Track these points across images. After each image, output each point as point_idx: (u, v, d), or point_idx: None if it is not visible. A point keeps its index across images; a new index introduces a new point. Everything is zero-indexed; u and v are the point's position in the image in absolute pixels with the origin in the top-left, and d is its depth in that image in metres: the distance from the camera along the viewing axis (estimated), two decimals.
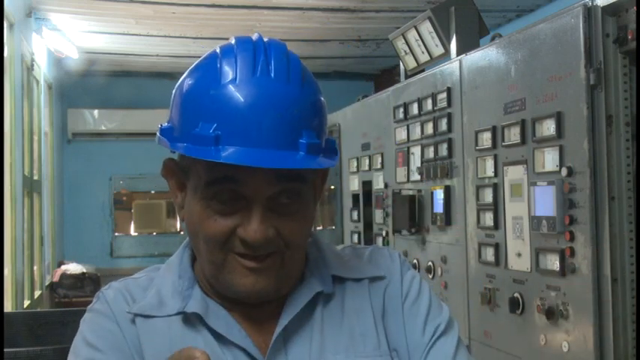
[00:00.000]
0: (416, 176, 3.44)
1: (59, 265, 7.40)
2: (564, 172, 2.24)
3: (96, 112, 8.41)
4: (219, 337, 1.05)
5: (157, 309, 1.07)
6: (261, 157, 0.95)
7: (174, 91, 1.07)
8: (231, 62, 1.00)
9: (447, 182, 3.12)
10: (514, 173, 2.56)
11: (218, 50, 1.03)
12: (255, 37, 1.03)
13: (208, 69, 1.02)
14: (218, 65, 1.00)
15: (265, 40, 1.03)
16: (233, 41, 1.04)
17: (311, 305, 1.09)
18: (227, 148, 0.96)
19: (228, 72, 0.99)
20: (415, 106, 3.44)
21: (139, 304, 1.08)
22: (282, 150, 0.96)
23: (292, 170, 0.99)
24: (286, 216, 1.01)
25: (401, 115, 3.60)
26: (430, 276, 3.27)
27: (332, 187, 4.97)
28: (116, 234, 8.74)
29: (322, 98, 1.05)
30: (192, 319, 1.06)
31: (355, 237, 4.32)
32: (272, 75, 0.99)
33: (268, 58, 0.99)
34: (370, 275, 1.14)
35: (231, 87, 0.98)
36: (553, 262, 2.32)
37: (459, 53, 3.15)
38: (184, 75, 1.06)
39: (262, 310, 1.08)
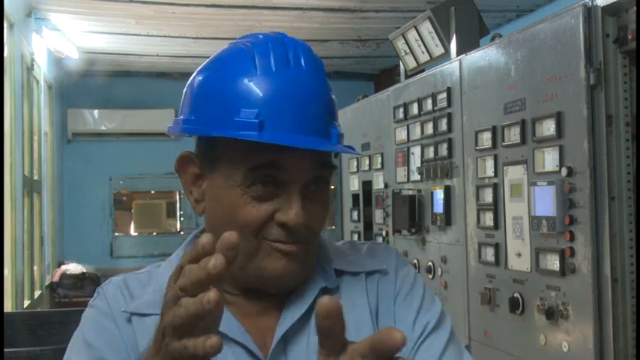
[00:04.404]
0: (416, 176, 3.44)
1: (59, 265, 7.40)
2: (564, 172, 2.24)
3: (96, 112, 8.42)
4: (219, 334, 1.05)
5: (154, 306, 1.06)
6: (306, 141, 1.00)
7: (191, 84, 1.08)
8: (264, 54, 1.03)
9: (447, 182, 3.12)
10: (514, 173, 2.56)
11: (246, 43, 1.06)
12: (277, 34, 1.08)
13: (240, 60, 1.04)
14: (252, 56, 1.03)
15: (289, 37, 1.08)
16: (260, 36, 1.07)
17: (313, 303, 1.09)
18: (272, 133, 0.99)
19: (263, 63, 1.02)
20: (415, 106, 3.44)
21: (136, 302, 1.08)
22: (318, 136, 1.02)
23: (326, 157, 1.05)
24: (315, 203, 1.05)
25: (401, 115, 3.60)
26: (430, 276, 3.27)
27: (332, 187, 4.97)
28: (116, 234, 8.74)
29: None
30: None
31: (355, 237, 4.31)
32: (304, 67, 1.03)
33: (297, 52, 1.04)
34: (367, 269, 1.15)
35: (269, 76, 1.01)
36: (553, 262, 2.32)
37: (459, 53, 3.15)
38: (204, 68, 1.08)
39: (262, 306, 1.09)
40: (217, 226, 1.06)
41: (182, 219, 8.96)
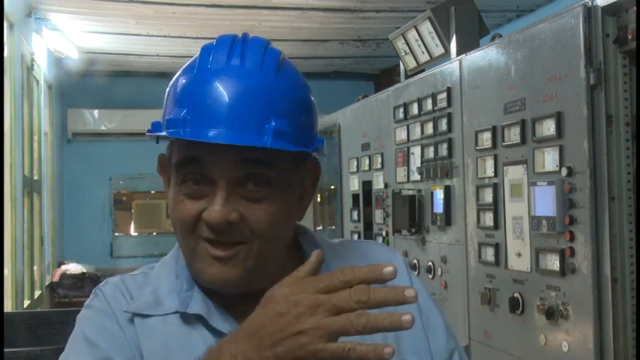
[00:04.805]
0: (416, 176, 3.44)
1: (59, 265, 7.40)
2: (564, 172, 2.24)
3: (96, 112, 8.42)
4: (221, 335, 1.03)
5: (154, 308, 1.07)
6: (221, 136, 0.98)
7: None
8: (207, 53, 1.05)
9: (447, 182, 3.12)
10: (514, 173, 2.56)
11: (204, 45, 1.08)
12: (240, 34, 1.07)
13: (190, 62, 1.07)
14: (197, 57, 1.06)
15: (250, 37, 1.07)
16: (216, 39, 1.08)
17: None
18: (192, 129, 0.99)
19: (203, 61, 1.04)
20: (415, 106, 3.44)
21: (136, 302, 1.08)
22: (247, 133, 0.98)
23: (258, 154, 1.00)
24: (253, 202, 1.02)
25: (401, 115, 3.60)
26: (430, 276, 3.27)
27: (332, 187, 4.97)
28: (116, 234, 8.74)
29: (306, 93, 1.08)
30: (191, 320, 1.06)
31: (355, 237, 4.32)
32: (245, 64, 1.02)
33: (244, 50, 1.03)
34: None
35: (202, 74, 1.02)
36: (553, 262, 2.32)
37: (459, 53, 3.15)
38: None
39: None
40: (172, 226, 1.08)
41: None
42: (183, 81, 1.04)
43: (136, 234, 9.00)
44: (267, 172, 1.02)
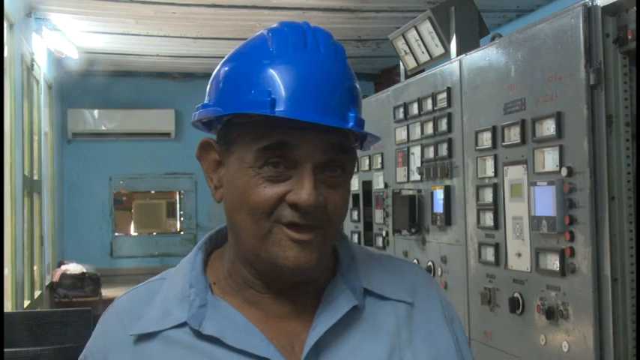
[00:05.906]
0: (416, 176, 3.44)
1: (59, 265, 7.39)
2: (564, 172, 2.24)
3: (96, 112, 8.41)
4: (242, 353, 1.02)
5: (161, 320, 1.05)
6: (317, 118, 0.99)
7: (214, 74, 1.09)
8: (281, 38, 1.04)
9: (447, 182, 3.12)
10: (514, 173, 2.56)
11: (265, 31, 1.07)
12: (301, 22, 1.08)
13: (258, 46, 1.05)
14: (268, 41, 1.04)
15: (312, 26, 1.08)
16: (284, 24, 1.07)
17: (344, 316, 1.06)
18: (283, 110, 0.98)
19: (279, 46, 1.03)
20: (415, 106, 3.44)
21: (142, 320, 1.06)
22: (334, 118, 1.01)
23: (341, 140, 1.03)
24: (332, 188, 1.03)
25: (401, 115, 3.60)
26: None
27: None
28: (116, 234, 8.74)
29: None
30: (204, 338, 1.03)
31: (355, 237, 4.32)
32: (321, 51, 1.03)
33: (317, 37, 1.04)
34: (410, 301, 1.13)
35: (284, 58, 1.01)
36: (553, 262, 2.32)
37: (459, 53, 3.16)
38: (227, 59, 1.08)
39: (289, 308, 1.07)
40: (232, 210, 1.05)
41: (182, 219, 8.95)
42: (261, 63, 1.02)
43: (136, 234, 9.00)
44: (344, 158, 1.04)
